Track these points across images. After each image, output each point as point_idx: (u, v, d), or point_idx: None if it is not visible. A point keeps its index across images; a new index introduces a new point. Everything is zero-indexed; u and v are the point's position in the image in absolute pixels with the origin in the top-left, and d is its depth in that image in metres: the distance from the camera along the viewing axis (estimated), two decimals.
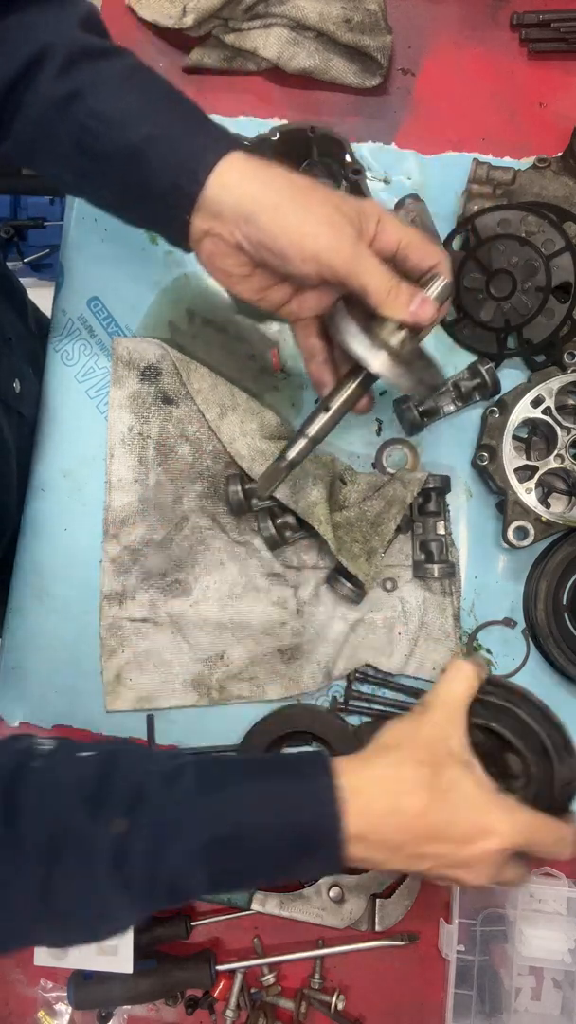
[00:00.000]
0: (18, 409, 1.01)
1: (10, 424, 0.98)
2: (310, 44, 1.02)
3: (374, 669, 0.98)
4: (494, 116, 1.05)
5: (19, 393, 1.01)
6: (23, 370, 1.03)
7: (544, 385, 0.94)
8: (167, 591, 0.99)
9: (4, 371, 0.97)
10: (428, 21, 1.07)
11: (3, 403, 0.96)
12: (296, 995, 0.95)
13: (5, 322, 1.03)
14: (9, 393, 0.98)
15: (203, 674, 0.99)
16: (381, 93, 1.06)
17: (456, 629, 0.98)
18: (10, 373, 0.99)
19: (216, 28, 1.03)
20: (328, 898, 0.94)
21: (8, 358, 0.99)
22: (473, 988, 0.92)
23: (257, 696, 0.98)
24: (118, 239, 1.05)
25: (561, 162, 0.99)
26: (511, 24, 1.05)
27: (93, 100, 0.71)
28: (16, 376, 1.00)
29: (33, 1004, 0.98)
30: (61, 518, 1.02)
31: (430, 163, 1.04)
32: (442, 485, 0.96)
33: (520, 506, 0.94)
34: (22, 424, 1.03)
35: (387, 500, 0.95)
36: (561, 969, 0.92)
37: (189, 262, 1.04)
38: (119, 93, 0.71)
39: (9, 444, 0.97)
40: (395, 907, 0.95)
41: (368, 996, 0.96)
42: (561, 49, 1.05)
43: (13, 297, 1.12)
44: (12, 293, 1.13)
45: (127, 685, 0.99)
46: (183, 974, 0.93)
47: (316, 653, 0.98)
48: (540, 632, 0.96)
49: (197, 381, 0.99)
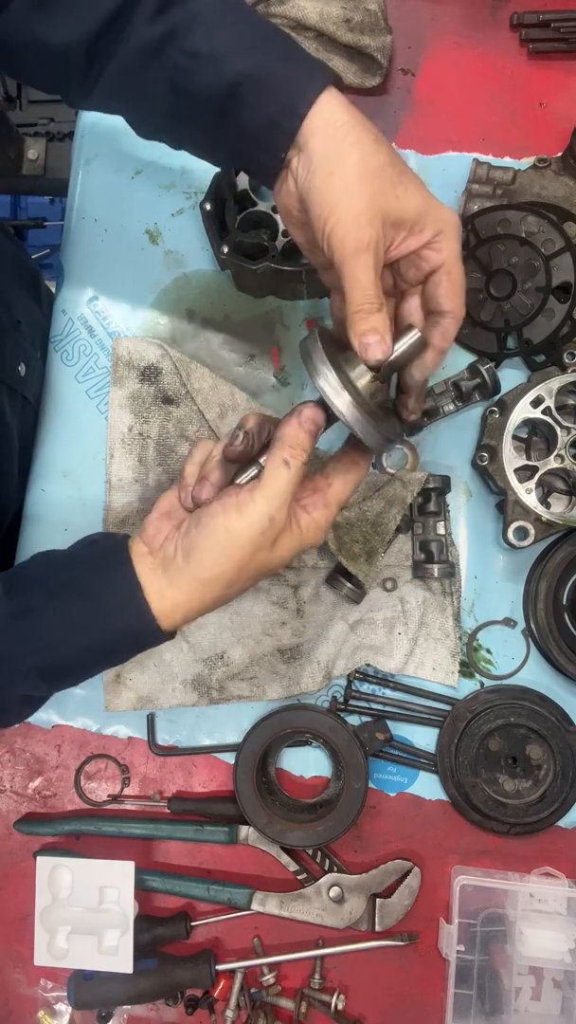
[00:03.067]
0: (22, 392, 1.00)
1: (13, 407, 0.97)
2: (310, 44, 1.02)
3: (374, 669, 0.98)
4: (494, 116, 1.05)
5: (24, 377, 1.00)
6: (30, 354, 1.03)
7: (544, 385, 0.94)
8: None
9: (10, 354, 0.97)
10: (428, 21, 1.07)
11: (7, 386, 0.96)
12: (296, 995, 0.95)
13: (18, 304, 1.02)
14: (14, 376, 0.97)
15: (203, 674, 0.99)
16: (381, 93, 1.06)
17: (456, 629, 0.98)
18: (16, 356, 0.98)
19: None
20: (328, 898, 0.94)
21: (16, 340, 0.99)
22: (473, 988, 0.92)
23: (257, 696, 0.98)
24: (118, 239, 1.05)
25: (561, 162, 0.99)
26: (511, 24, 1.05)
27: (187, 39, 0.70)
28: (22, 360, 1.00)
29: (33, 1004, 0.98)
30: (61, 518, 1.02)
31: (430, 163, 1.04)
32: (442, 485, 0.96)
33: (520, 506, 0.94)
34: (26, 408, 1.02)
35: (387, 500, 0.95)
36: (561, 969, 0.92)
37: (189, 262, 1.05)
38: (213, 30, 0.70)
39: (11, 427, 0.97)
40: (395, 907, 0.95)
41: (368, 996, 0.96)
42: (561, 49, 1.05)
43: (29, 280, 1.12)
44: (28, 276, 1.12)
45: (127, 685, 0.99)
46: (183, 974, 0.93)
47: (316, 653, 0.98)
48: (540, 632, 0.96)
49: (197, 381, 0.99)
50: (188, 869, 0.98)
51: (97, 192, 1.05)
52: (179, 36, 0.70)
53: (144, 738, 1.00)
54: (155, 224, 1.05)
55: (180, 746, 1.00)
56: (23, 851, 0.99)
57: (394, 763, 0.98)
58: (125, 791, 1.00)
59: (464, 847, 0.97)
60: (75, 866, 0.93)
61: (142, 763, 1.00)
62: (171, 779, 1.00)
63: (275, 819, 0.94)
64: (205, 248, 1.03)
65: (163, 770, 1.00)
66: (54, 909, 0.93)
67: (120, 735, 1.00)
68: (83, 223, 1.06)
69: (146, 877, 0.95)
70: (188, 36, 0.70)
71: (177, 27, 0.70)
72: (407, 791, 0.98)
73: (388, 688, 0.99)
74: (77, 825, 0.97)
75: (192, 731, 1.00)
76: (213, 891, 0.95)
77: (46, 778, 1.01)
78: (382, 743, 0.95)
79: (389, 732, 0.96)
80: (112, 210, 1.05)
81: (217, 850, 0.98)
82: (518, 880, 0.94)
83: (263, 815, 0.94)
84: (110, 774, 1.00)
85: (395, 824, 0.98)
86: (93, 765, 1.00)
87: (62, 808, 1.00)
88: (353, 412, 0.66)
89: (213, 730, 1.00)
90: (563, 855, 0.97)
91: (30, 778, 1.01)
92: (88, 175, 1.06)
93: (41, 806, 1.01)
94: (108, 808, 0.99)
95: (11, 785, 1.01)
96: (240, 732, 0.98)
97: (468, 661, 0.99)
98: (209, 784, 1.00)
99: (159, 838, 0.97)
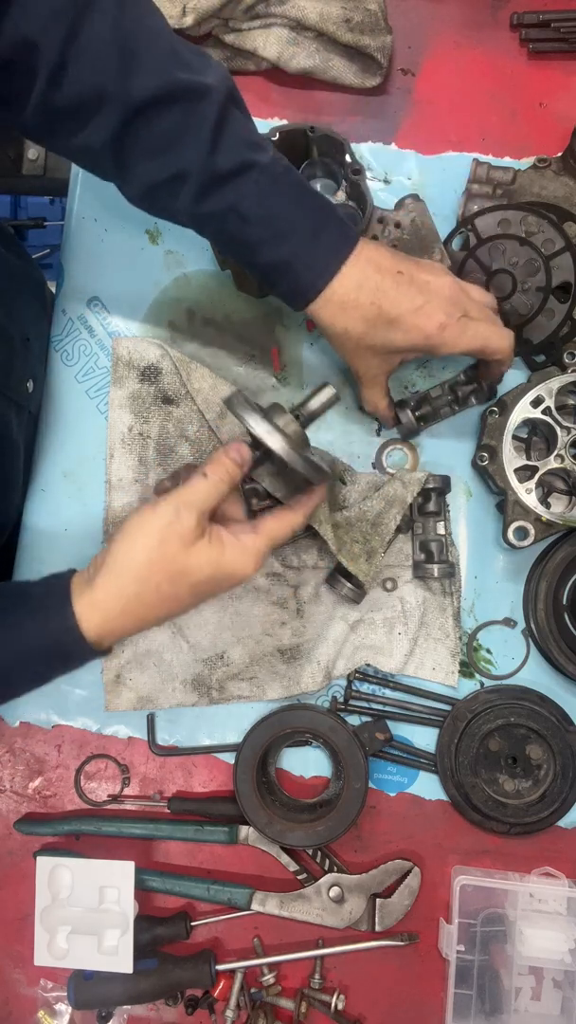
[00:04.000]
0: (28, 408, 1.01)
1: (20, 423, 0.98)
2: (310, 44, 1.02)
3: (374, 669, 0.98)
4: (494, 116, 1.05)
5: (31, 393, 1.01)
6: (37, 370, 1.04)
7: (544, 385, 0.94)
8: None
9: (19, 372, 0.97)
10: (428, 21, 1.07)
11: (15, 403, 0.96)
12: (296, 995, 0.95)
13: (28, 321, 1.03)
14: (22, 393, 0.98)
15: (203, 674, 0.99)
16: (381, 93, 1.06)
17: (456, 629, 0.98)
18: (24, 374, 0.99)
19: (216, 28, 1.03)
20: (328, 898, 0.94)
21: (25, 359, 0.99)
22: (473, 988, 0.92)
23: (257, 696, 0.98)
24: (118, 239, 1.05)
25: (561, 162, 0.99)
26: (511, 24, 1.05)
27: (226, 224, 0.80)
28: (30, 376, 1.00)
29: (33, 1004, 0.98)
30: (61, 518, 1.02)
31: (430, 163, 1.04)
32: (442, 485, 0.96)
33: (520, 506, 0.94)
34: (31, 423, 1.03)
35: (387, 500, 0.95)
36: (561, 969, 0.92)
37: (189, 262, 1.05)
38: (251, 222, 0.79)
39: (18, 443, 0.97)
40: (395, 907, 0.95)
41: (368, 996, 0.96)
42: (561, 49, 1.05)
43: (36, 291, 1.13)
44: (36, 287, 1.13)
45: (127, 685, 0.99)
46: (183, 974, 0.93)
47: (316, 653, 0.98)
48: (540, 632, 0.96)
49: (197, 381, 0.99)
50: (188, 869, 0.98)
51: (97, 192, 1.05)
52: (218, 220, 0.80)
53: (144, 738, 1.00)
54: (155, 224, 1.05)
55: (180, 746, 1.00)
56: (23, 851, 0.99)
57: (394, 763, 0.98)
58: (125, 791, 1.00)
59: (464, 847, 0.97)
60: (75, 866, 0.93)
61: (142, 763, 1.00)
62: (171, 779, 1.00)
63: (275, 819, 0.94)
64: (205, 248, 1.03)
65: (163, 770, 1.00)
66: (54, 909, 0.93)
67: (120, 735, 1.00)
68: (83, 223, 1.06)
69: (146, 877, 0.95)
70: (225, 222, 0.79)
71: (217, 213, 0.79)
72: (407, 791, 0.98)
73: (388, 688, 0.99)
74: (77, 825, 0.97)
75: (192, 731, 1.00)
76: (213, 891, 0.95)
77: (46, 778, 1.01)
78: (382, 743, 0.95)
79: (389, 732, 0.96)
80: (112, 210, 1.05)
81: (217, 850, 0.98)
82: (518, 880, 0.94)
83: (263, 815, 0.94)
84: (110, 774, 1.00)
85: (395, 824, 0.98)
86: (93, 765, 1.00)
87: (62, 808, 1.00)
88: (283, 446, 0.75)
89: (213, 730, 1.00)
90: (563, 855, 0.97)
91: (30, 778, 1.01)
92: (88, 175, 1.05)
93: (41, 806, 1.01)
94: (108, 808, 0.99)
95: (11, 785, 1.01)
96: (240, 732, 0.98)
97: (468, 661, 0.99)
98: (209, 784, 1.00)
99: (159, 838, 0.97)
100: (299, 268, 0.80)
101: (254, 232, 0.79)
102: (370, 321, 0.81)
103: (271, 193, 0.78)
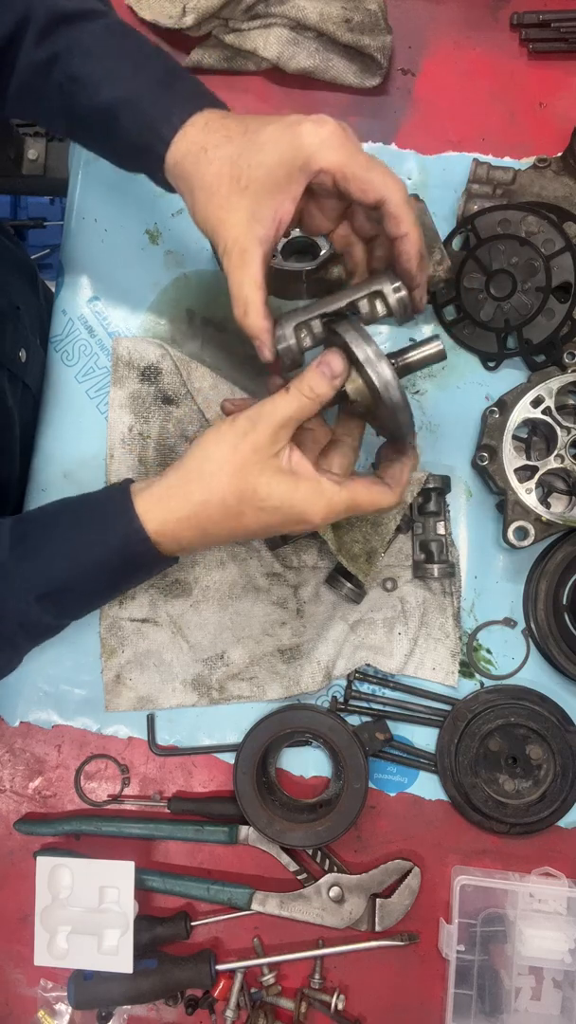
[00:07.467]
0: (23, 379, 1.01)
1: (14, 393, 0.98)
2: (310, 44, 1.02)
3: (374, 669, 0.98)
4: (494, 116, 1.05)
5: (24, 363, 1.01)
6: (29, 340, 1.03)
7: (544, 385, 0.94)
8: (167, 591, 0.99)
9: (10, 340, 0.97)
10: (428, 21, 1.07)
11: (8, 371, 0.96)
12: (296, 995, 0.95)
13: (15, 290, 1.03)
14: (15, 362, 0.98)
15: (203, 674, 0.99)
16: (381, 93, 1.06)
17: (456, 629, 0.98)
18: (16, 342, 0.99)
19: (216, 28, 1.03)
20: (328, 898, 0.94)
21: (16, 326, 0.99)
22: (473, 988, 0.92)
23: (257, 696, 0.98)
24: (118, 239, 1.05)
25: (561, 162, 0.99)
26: (511, 24, 1.05)
27: (68, 64, 0.75)
28: (22, 345, 1.00)
29: (33, 1004, 0.98)
30: None
31: (430, 163, 1.04)
32: (442, 485, 0.96)
33: (520, 506, 0.94)
34: (26, 395, 1.03)
35: None
36: (561, 969, 0.92)
37: (189, 262, 1.05)
38: (92, 56, 0.74)
39: (13, 413, 0.97)
40: (395, 907, 0.95)
41: (368, 996, 0.96)
42: (561, 49, 1.05)
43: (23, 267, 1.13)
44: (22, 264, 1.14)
45: (127, 685, 0.99)
46: (183, 974, 0.93)
47: (316, 653, 0.98)
48: (540, 632, 0.96)
49: (197, 381, 0.99)
50: (188, 869, 0.98)
51: (97, 192, 1.05)
52: (61, 60, 0.75)
53: (144, 738, 1.00)
54: (155, 224, 1.05)
55: (180, 746, 1.00)
56: (23, 851, 0.99)
57: (394, 763, 0.98)
58: (125, 791, 1.00)
59: (464, 847, 0.97)
60: (75, 866, 0.93)
61: (142, 763, 1.00)
62: (171, 779, 1.00)
63: (275, 819, 0.94)
64: (205, 248, 1.03)
65: (163, 770, 1.00)
66: (54, 909, 0.93)
67: (120, 735, 1.00)
68: (83, 223, 1.05)
69: (146, 877, 0.95)
70: (69, 61, 0.74)
71: (60, 52, 0.75)
72: (407, 791, 0.98)
73: (388, 688, 0.99)
74: (77, 825, 0.97)
75: (192, 731, 1.00)
76: (213, 891, 0.95)
77: (46, 778, 1.01)
78: (382, 743, 0.95)
79: (389, 732, 0.96)
80: (112, 210, 1.05)
81: (217, 850, 0.98)
82: (518, 880, 0.94)
83: (263, 815, 0.94)
84: (110, 774, 1.00)
85: (395, 824, 0.98)
86: (93, 765, 1.00)
87: (62, 808, 1.00)
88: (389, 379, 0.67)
89: (213, 730, 1.00)
90: (563, 855, 0.97)
91: (30, 778, 1.01)
92: (88, 175, 1.06)
93: (41, 806, 1.01)
94: (108, 808, 0.99)
95: (11, 785, 1.01)
96: (240, 732, 0.98)
97: (468, 661, 0.99)
98: (209, 784, 1.00)
99: (159, 838, 0.97)
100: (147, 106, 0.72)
101: (98, 67, 0.73)
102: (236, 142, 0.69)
103: (119, 34, 0.76)
